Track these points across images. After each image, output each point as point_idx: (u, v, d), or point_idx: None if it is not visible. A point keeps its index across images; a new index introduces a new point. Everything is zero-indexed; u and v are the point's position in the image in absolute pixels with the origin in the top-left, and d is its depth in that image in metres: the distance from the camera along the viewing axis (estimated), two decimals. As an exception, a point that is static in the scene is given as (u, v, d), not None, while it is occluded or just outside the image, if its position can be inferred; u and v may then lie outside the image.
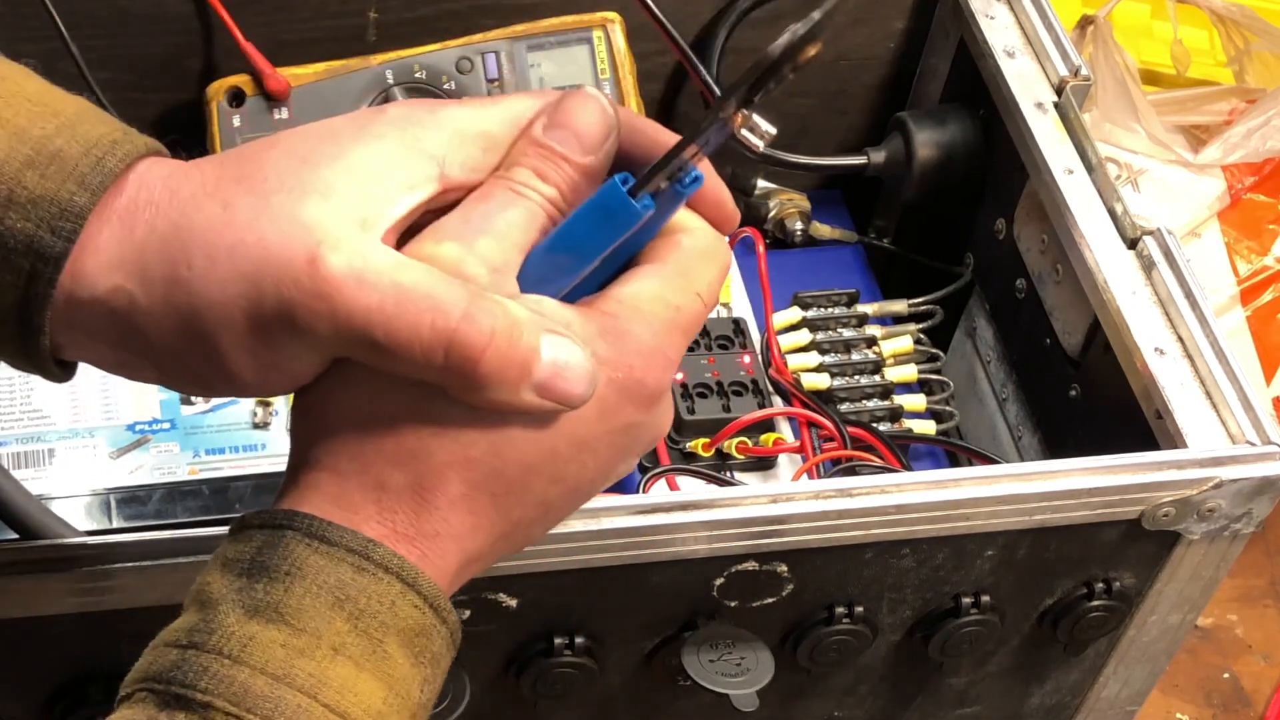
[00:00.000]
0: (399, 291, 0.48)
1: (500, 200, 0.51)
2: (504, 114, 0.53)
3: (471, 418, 0.49)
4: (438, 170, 0.50)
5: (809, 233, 1.04)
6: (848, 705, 0.83)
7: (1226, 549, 0.76)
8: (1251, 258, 1.31)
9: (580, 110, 0.52)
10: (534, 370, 0.49)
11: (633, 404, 0.51)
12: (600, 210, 0.51)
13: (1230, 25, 1.40)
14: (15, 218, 0.48)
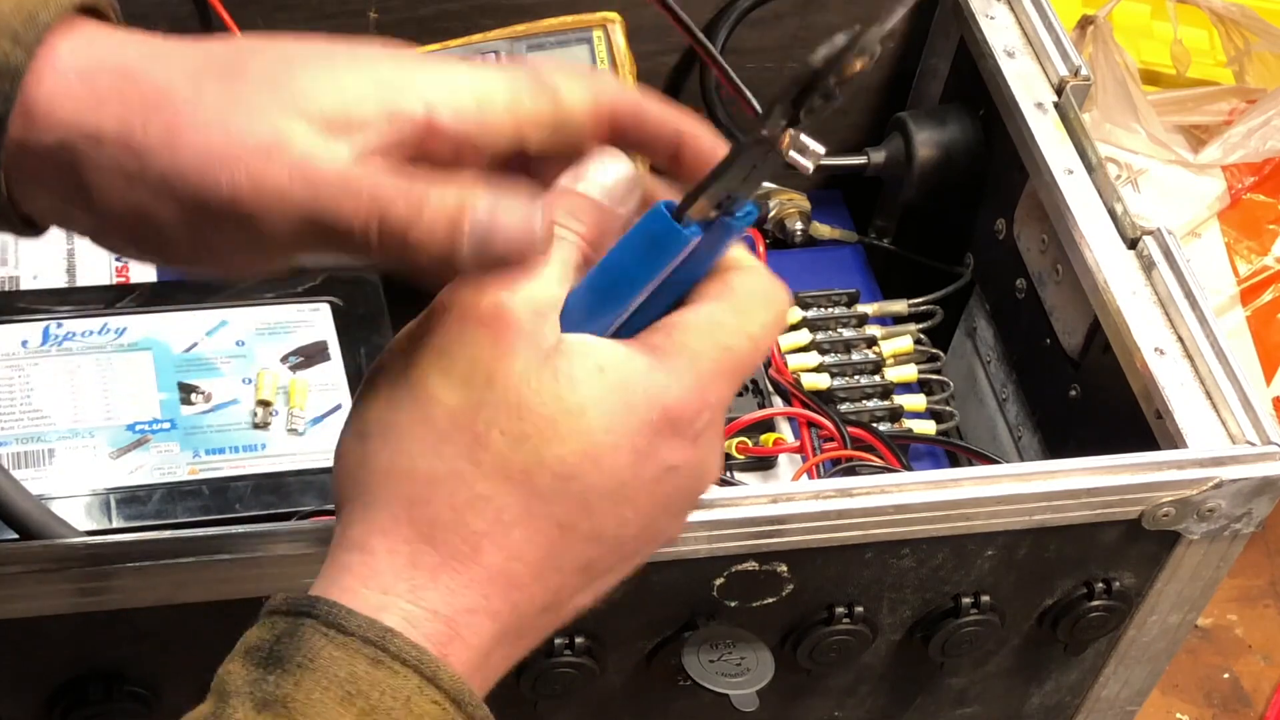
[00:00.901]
0: (344, 177, 0.48)
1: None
2: (504, 76, 0.52)
3: (503, 482, 0.48)
4: (424, 111, 0.50)
5: (809, 233, 1.04)
6: (848, 705, 0.83)
7: (1226, 549, 0.76)
8: (1251, 258, 1.31)
9: (605, 165, 0.52)
10: (464, 232, 0.49)
11: (668, 444, 0.50)
12: (644, 236, 0.50)
13: (1230, 25, 1.40)
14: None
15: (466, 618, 0.48)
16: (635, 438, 0.49)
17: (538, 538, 0.49)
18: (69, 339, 0.85)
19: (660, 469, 0.50)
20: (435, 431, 0.49)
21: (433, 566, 0.48)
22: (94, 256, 0.95)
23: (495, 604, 0.48)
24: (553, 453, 0.48)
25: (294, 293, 0.90)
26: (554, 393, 0.48)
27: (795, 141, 0.51)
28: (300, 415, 0.84)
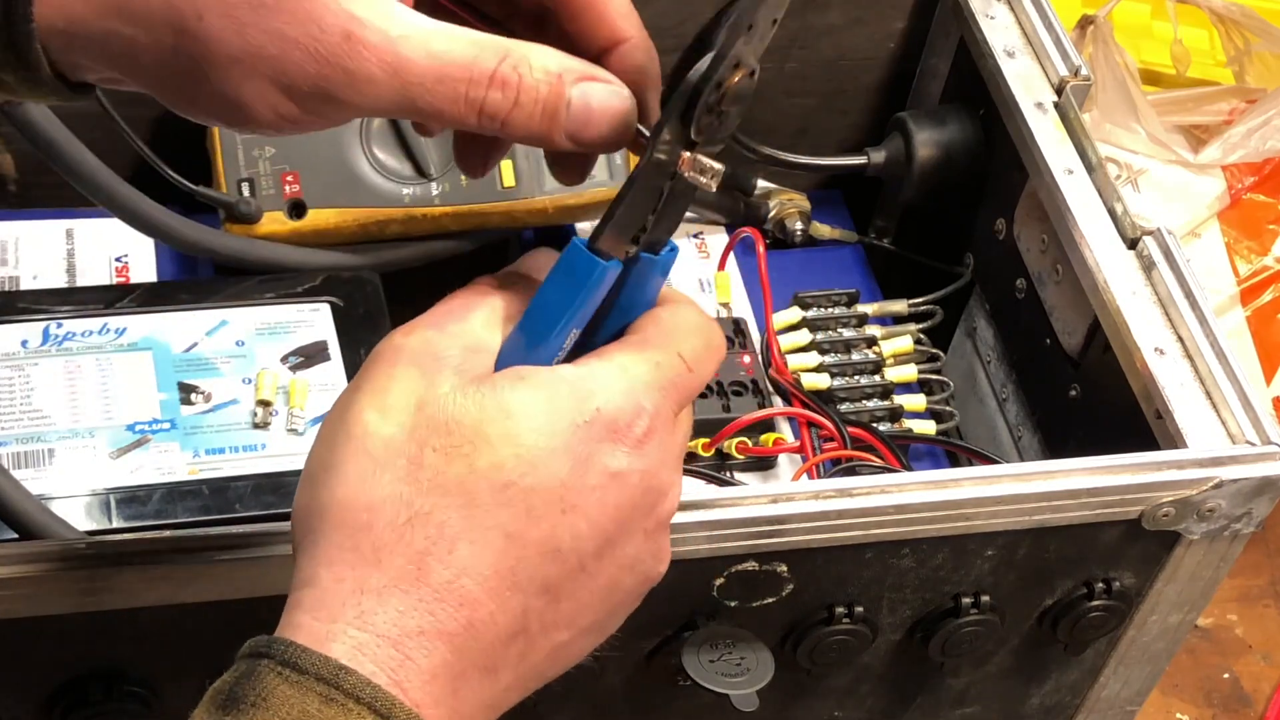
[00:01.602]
0: (437, 65, 0.49)
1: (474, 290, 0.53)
2: None
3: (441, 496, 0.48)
4: None
5: (809, 233, 1.04)
6: (848, 705, 0.83)
7: (1226, 549, 0.76)
8: (1251, 258, 1.31)
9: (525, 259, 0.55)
10: (561, 120, 0.51)
11: (604, 448, 0.50)
12: (564, 267, 0.51)
13: (1230, 25, 1.40)
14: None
15: (416, 640, 0.47)
16: (569, 438, 0.49)
17: (484, 550, 0.48)
18: (69, 339, 0.85)
19: (602, 474, 0.50)
20: (372, 460, 0.49)
21: (379, 589, 0.48)
22: (94, 256, 0.95)
23: (446, 623, 0.48)
24: (485, 460, 0.49)
25: (294, 293, 0.90)
26: (479, 403, 0.49)
27: (695, 164, 0.52)
28: (300, 415, 0.84)
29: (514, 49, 0.51)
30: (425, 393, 0.50)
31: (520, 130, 0.51)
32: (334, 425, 0.51)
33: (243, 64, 0.48)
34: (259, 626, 0.67)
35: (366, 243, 0.95)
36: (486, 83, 0.50)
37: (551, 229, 1.01)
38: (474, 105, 0.50)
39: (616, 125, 0.53)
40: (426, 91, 0.50)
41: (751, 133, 0.99)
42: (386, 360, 0.51)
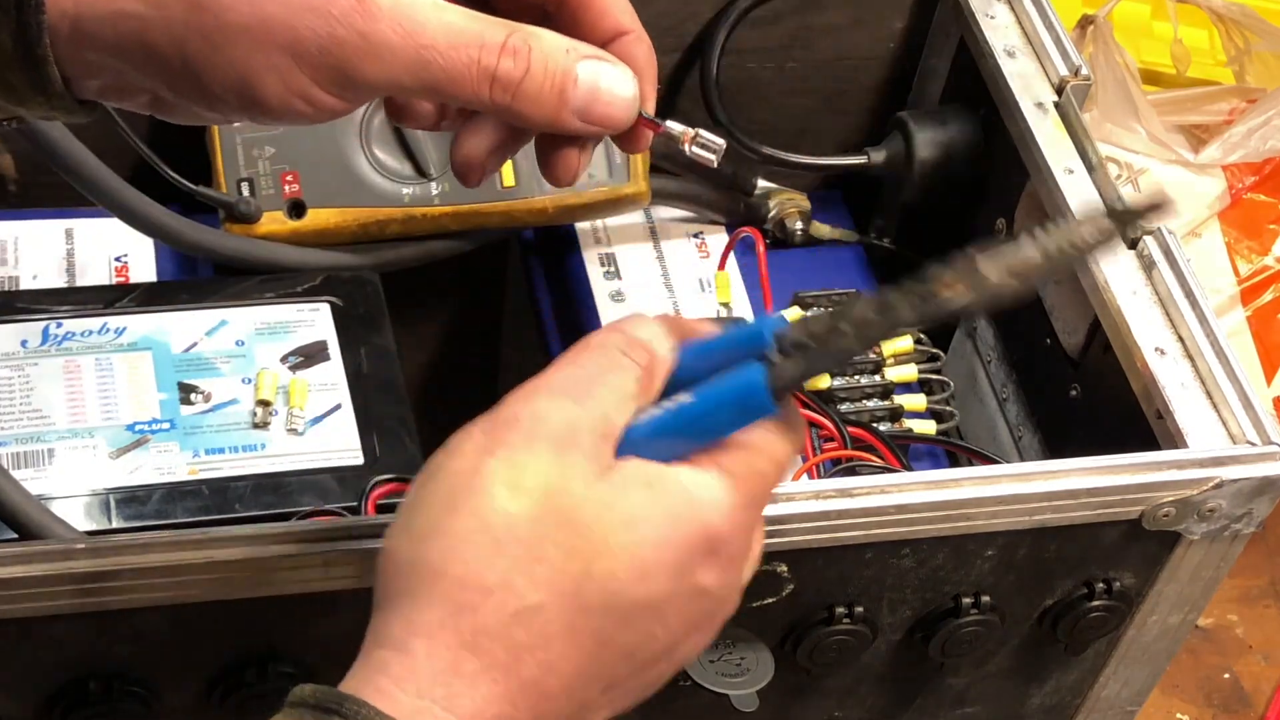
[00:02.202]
0: (449, 31, 0.50)
1: (605, 362, 0.52)
2: None
3: (553, 595, 0.49)
4: None
5: (809, 233, 1.04)
6: (848, 705, 0.83)
7: (1227, 549, 0.76)
8: (1252, 257, 1.31)
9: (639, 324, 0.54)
10: (570, 96, 0.52)
11: (705, 565, 0.51)
12: (737, 403, 0.51)
13: (1230, 25, 1.40)
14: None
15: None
16: (679, 553, 0.50)
17: (576, 653, 0.49)
18: (69, 339, 0.85)
19: (694, 589, 0.51)
20: (493, 540, 0.49)
21: (472, 674, 0.48)
22: (94, 256, 0.95)
23: (522, 714, 0.49)
24: (602, 566, 0.49)
25: (294, 293, 0.90)
26: (606, 504, 0.49)
27: (697, 139, 0.55)
28: (300, 415, 0.84)
29: (520, 25, 0.52)
30: (557, 481, 0.49)
31: (530, 103, 0.52)
32: (455, 481, 0.50)
33: (254, 32, 0.49)
34: (259, 626, 0.67)
35: (366, 243, 0.95)
36: (499, 50, 0.51)
37: (551, 229, 1.01)
38: (487, 72, 0.51)
39: (623, 105, 0.53)
40: (440, 56, 0.50)
41: (751, 133, 0.99)
42: (525, 430, 0.50)
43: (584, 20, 0.55)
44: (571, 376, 0.52)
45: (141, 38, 0.49)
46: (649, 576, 0.49)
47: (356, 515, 0.78)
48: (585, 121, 0.53)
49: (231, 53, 0.49)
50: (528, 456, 0.50)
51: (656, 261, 1.00)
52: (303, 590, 0.66)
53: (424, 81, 0.51)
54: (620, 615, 0.49)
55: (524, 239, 1.03)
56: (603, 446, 0.50)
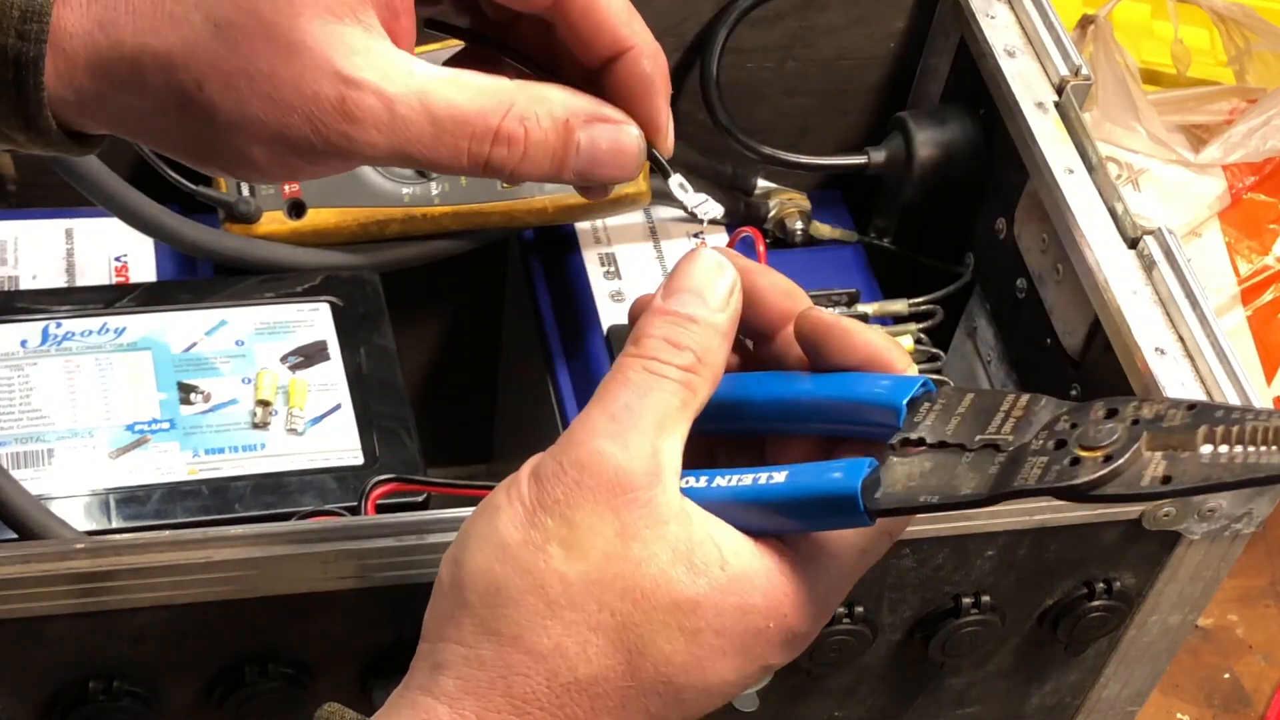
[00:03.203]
0: (435, 127, 0.49)
1: (640, 386, 0.50)
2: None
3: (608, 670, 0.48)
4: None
5: (809, 232, 1.04)
6: (848, 705, 0.82)
7: (1227, 549, 0.76)
8: (1252, 257, 1.31)
9: (695, 268, 0.52)
10: (569, 164, 0.51)
11: (777, 654, 0.50)
12: (830, 501, 0.49)
13: (1231, 25, 1.40)
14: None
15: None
16: (747, 641, 0.49)
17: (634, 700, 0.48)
18: (68, 339, 0.85)
19: (759, 671, 0.50)
20: (547, 603, 0.48)
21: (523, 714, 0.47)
22: (94, 256, 0.95)
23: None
24: (660, 648, 0.48)
25: (293, 292, 0.90)
26: (668, 579, 0.48)
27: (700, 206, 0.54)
28: (300, 415, 0.84)
29: (519, 96, 0.51)
30: (615, 545, 0.48)
31: (526, 177, 0.51)
32: (509, 536, 0.49)
33: (245, 130, 0.49)
34: (259, 626, 0.67)
35: (366, 242, 0.95)
36: (491, 139, 0.50)
37: (551, 229, 1.01)
38: (477, 160, 0.50)
39: (624, 164, 0.52)
40: (426, 150, 0.50)
41: (751, 133, 0.99)
42: (576, 484, 0.48)
43: (583, 33, 0.53)
44: (611, 411, 0.49)
45: (139, 123, 0.50)
46: (707, 667, 0.48)
47: (356, 515, 0.78)
48: (585, 182, 0.53)
49: (225, 144, 0.50)
50: (583, 514, 0.48)
51: (656, 261, 1.00)
52: (303, 590, 0.66)
53: (411, 162, 0.50)
54: (674, 699, 0.48)
55: (524, 239, 1.03)
56: (656, 491, 0.48)
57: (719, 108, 0.98)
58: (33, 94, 0.48)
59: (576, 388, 0.96)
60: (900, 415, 0.50)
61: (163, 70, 0.48)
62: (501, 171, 0.51)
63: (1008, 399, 0.49)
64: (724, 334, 0.51)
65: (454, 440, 1.19)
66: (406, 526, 0.65)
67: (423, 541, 0.65)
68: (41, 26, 0.48)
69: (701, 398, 0.51)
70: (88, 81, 0.49)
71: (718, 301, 0.51)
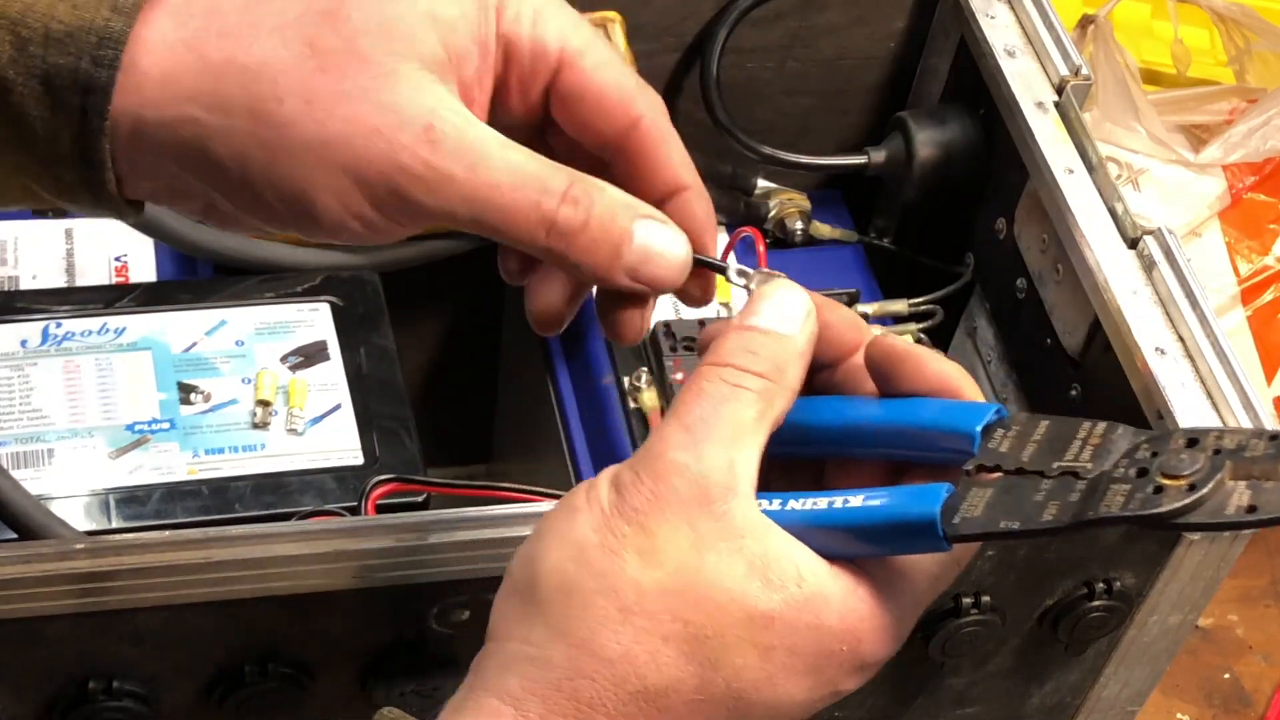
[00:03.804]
0: (512, 172, 0.49)
1: (715, 396, 0.50)
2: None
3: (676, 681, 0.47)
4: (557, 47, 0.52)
5: (809, 232, 1.04)
6: (848, 705, 0.82)
7: (1227, 549, 0.76)
8: (1252, 257, 1.31)
9: (773, 292, 0.52)
10: (624, 254, 0.51)
11: (850, 679, 0.49)
12: (908, 526, 0.48)
13: (1231, 25, 1.40)
14: (56, 54, 0.47)
15: None
16: (819, 661, 0.48)
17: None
18: (68, 339, 0.85)
19: (829, 695, 0.49)
20: (620, 608, 0.47)
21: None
22: (93, 256, 0.95)
23: None
24: (732, 662, 0.47)
25: (293, 292, 0.90)
26: (744, 594, 0.48)
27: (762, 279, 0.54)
28: (299, 415, 0.84)
29: (582, 175, 0.51)
30: (691, 554, 0.48)
31: (584, 255, 0.51)
32: (586, 538, 0.49)
33: (317, 151, 0.48)
34: (259, 626, 0.67)
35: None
36: (560, 197, 0.50)
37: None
38: (547, 217, 0.50)
39: (674, 268, 0.53)
40: (501, 195, 0.49)
41: (751, 133, 0.99)
42: (653, 495, 0.48)
43: (642, 172, 0.54)
44: (686, 423, 0.49)
45: (202, 144, 0.49)
46: (779, 685, 0.48)
47: (356, 515, 0.78)
48: (634, 280, 0.52)
49: (291, 167, 0.49)
50: (660, 523, 0.48)
51: (656, 261, 1.00)
52: (303, 590, 0.66)
53: (479, 217, 0.50)
54: (742, 714, 0.48)
55: (524, 239, 1.03)
56: (733, 504, 0.48)
57: (719, 108, 0.98)
58: (95, 123, 0.48)
59: (576, 388, 0.96)
60: (975, 442, 0.49)
61: (245, 84, 0.48)
62: (565, 235, 0.50)
63: (1084, 427, 0.49)
64: (801, 352, 0.51)
65: (454, 440, 1.19)
66: (406, 526, 0.65)
67: (423, 541, 0.65)
68: (117, 52, 0.48)
69: (778, 411, 0.50)
70: (156, 101, 0.48)
71: (796, 322, 0.52)
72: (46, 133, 0.48)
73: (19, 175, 0.50)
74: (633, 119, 0.53)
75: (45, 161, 0.49)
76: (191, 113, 0.48)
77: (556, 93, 0.53)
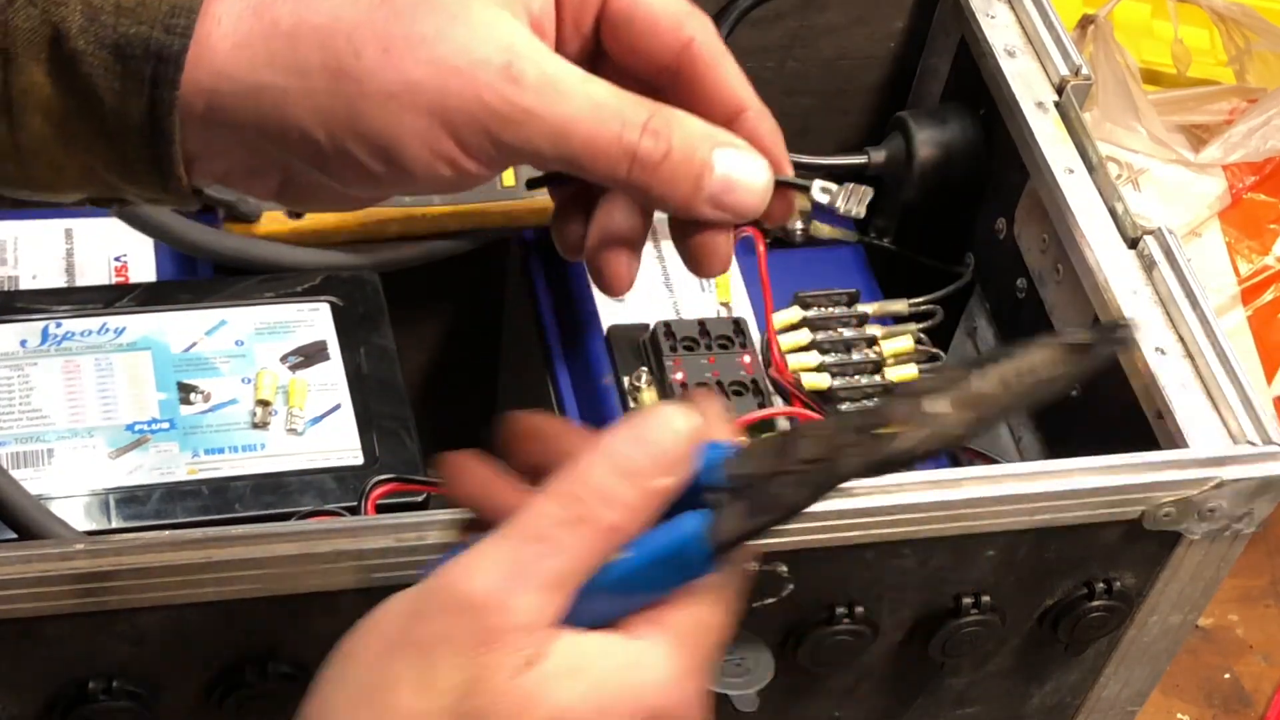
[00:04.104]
0: (593, 105, 0.49)
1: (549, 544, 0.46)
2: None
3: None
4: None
5: (809, 232, 1.04)
6: (848, 705, 0.82)
7: (1227, 549, 0.76)
8: (1252, 257, 1.31)
9: (659, 429, 0.48)
10: (705, 184, 0.51)
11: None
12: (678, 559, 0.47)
13: (1231, 24, 1.40)
14: (128, 23, 0.47)
15: None
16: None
17: None
18: (68, 339, 0.85)
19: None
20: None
21: None
22: (93, 256, 0.95)
23: None
24: None
25: (293, 292, 0.90)
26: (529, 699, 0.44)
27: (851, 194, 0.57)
28: (300, 415, 0.84)
29: (662, 106, 0.51)
30: (474, 678, 0.44)
31: (666, 186, 0.51)
32: (360, 674, 0.46)
33: (400, 98, 0.48)
34: (259, 626, 0.67)
35: (366, 242, 0.95)
36: (641, 128, 0.50)
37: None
38: (629, 149, 0.50)
39: (756, 194, 0.52)
40: (584, 128, 0.49)
41: (752, 132, 0.99)
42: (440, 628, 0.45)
43: (700, 97, 0.54)
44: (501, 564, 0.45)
45: (282, 111, 0.49)
46: None
47: (356, 515, 0.78)
48: (717, 209, 0.52)
49: (377, 118, 0.48)
50: (442, 654, 0.45)
51: (657, 262, 1.00)
52: (303, 590, 0.66)
53: (563, 152, 0.50)
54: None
55: (524, 239, 1.03)
56: (534, 635, 0.45)
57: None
58: (166, 93, 0.48)
59: (576, 388, 0.96)
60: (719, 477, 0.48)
61: (320, 42, 0.48)
62: (647, 166, 0.50)
63: (801, 429, 0.50)
64: (665, 500, 0.47)
65: (454, 440, 1.19)
66: (406, 526, 0.65)
67: (423, 541, 0.65)
68: (189, 21, 0.47)
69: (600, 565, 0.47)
70: (231, 72, 0.48)
71: (671, 466, 0.47)
72: (115, 103, 0.48)
73: (84, 153, 0.50)
74: (684, 41, 0.53)
75: (113, 136, 0.49)
76: (268, 79, 0.48)
77: (607, 20, 0.53)
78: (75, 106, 0.49)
